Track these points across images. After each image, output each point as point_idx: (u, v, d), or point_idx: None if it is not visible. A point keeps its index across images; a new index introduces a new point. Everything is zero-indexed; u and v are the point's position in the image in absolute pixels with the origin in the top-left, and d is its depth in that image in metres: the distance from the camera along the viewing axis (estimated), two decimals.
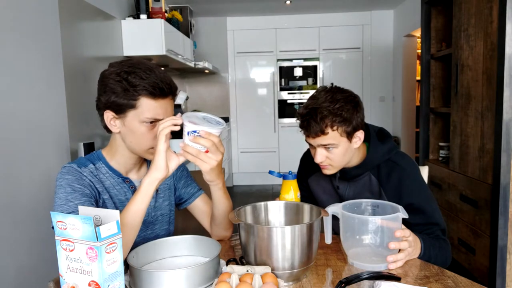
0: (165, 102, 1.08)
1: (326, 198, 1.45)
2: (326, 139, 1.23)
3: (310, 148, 1.33)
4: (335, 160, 1.28)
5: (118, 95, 1.05)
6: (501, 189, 2.10)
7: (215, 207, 1.19)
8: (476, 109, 2.35)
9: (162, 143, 1.00)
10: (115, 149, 1.16)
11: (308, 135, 1.26)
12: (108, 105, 1.08)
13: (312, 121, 1.22)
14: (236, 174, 5.48)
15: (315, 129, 1.22)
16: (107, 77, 1.07)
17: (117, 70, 1.07)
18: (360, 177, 1.36)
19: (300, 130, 1.31)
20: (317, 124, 1.21)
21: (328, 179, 1.45)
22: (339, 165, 1.30)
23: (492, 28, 2.16)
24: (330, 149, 1.26)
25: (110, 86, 1.06)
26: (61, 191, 1.05)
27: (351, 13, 5.13)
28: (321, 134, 1.22)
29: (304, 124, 1.25)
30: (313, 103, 1.25)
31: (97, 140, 2.34)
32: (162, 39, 2.91)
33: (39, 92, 1.90)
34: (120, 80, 1.05)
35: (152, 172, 1.01)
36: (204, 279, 0.93)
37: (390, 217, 1.04)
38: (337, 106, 1.21)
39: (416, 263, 1.08)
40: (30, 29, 1.85)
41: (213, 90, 5.32)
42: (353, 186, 1.38)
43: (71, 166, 1.10)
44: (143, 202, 1.01)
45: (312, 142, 1.27)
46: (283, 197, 1.26)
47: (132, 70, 1.06)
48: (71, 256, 0.79)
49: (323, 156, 1.27)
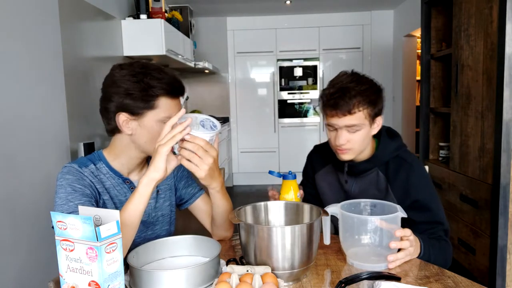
0: (178, 100, 1.12)
1: (332, 194, 1.45)
2: (352, 119, 1.23)
3: (329, 132, 1.31)
4: (355, 144, 1.27)
5: (135, 96, 1.06)
6: (501, 189, 2.10)
7: (215, 209, 1.19)
8: (476, 109, 2.35)
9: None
10: (119, 150, 1.15)
11: (334, 114, 1.24)
12: (122, 107, 1.07)
13: (341, 99, 1.21)
14: (236, 174, 5.48)
15: (344, 108, 1.21)
16: (120, 79, 1.07)
17: (130, 72, 1.07)
18: (368, 173, 1.36)
19: (320, 111, 1.32)
20: (346, 103, 1.21)
21: (335, 175, 1.45)
22: (358, 149, 1.30)
23: (492, 28, 2.16)
24: (352, 132, 1.25)
25: (125, 87, 1.06)
26: (62, 191, 1.05)
27: (351, 13, 5.13)
28: (348, 114, 1.22)
29: (331, 103, 1.23)
30: (340, 82, 1.25)
31: (97, 140, 2.34)
32: (162, 39, 2.91)
33: (39, 92, 1.90)
34: (137, 81, 1.06)
35: (150, 173, 1.00)
36: (204, 279, 0.93)
37: (389, 217, 1.04)
38: (364, 88, 1.23)
39: (416, 263, 1.08)
40: (30, 29, 1.85)
41: (213, 90, 5.33)
42: (360, 182, 1.37)
43: (72, 166, 1.10)
44: (141, 203, 1.00)
45: (336, 123, 1.25)
46: (283, 197, 1.26)
47: (146, 71, 1.07)
48: (71, 256, 0.79)
49: (345, 138, 1.26)
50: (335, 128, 1.27)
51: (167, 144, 0.98)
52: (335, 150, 1.32)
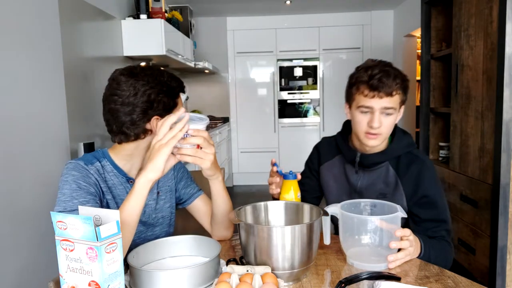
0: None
1: (337, 187, 1.44)
2: (391, 101, 1.24)
3: (359, 115, 1.29)
4: (386, 129, 1.28)
5: (164, 99, 1.10)
6: (501, 189, 2.10)
7: (216, 204, 1.19)
8: (476, 109, 2.35)
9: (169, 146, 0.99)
10: (132, 153, 1.15)
11: (375, 95, 1.23)
12: (154, 112, 1.09)
13: (385, 80, 1.22)
14: (236, 174, 5.48)
15: (386, 90, 1.22)
16: (142, 86, 1.07)
17: (150, 77, 1.09)
18: (378, 166, 1.35)
19: (348, 94, 1.31)
20: (390, 84, 1.22)
21: (341, 167, 1.44)
22: (386, 135, 1.30)
23: (492, 28, 2.16)
24: (386, 116, 1.26)
25: (155, 91, 1.09)
26: (67, 186, 1.04)
27: (351, 13, 5.13)
28: (389, 96, 1.23)
29: (374, 83, 1.22)
30: (377, 66, 1.25)
31: (97, 140, 2.34)
32: (162, 39, 2.91)
33: (39, 92, 1.90)
34: (161, 84, 1.10)
35: (148, 173, 0.99)
36: (204, 279, 0.93)
37: (389, 217, 1.04)
38: (399, 73, 1.26)
39: (416, 263, 1.08)
40: (30, 29, 1.85)
41: (213, 90, 5.32)
42: (368, 175, 1.37)
43: (78, 162, 1.09)
44: (139, 203, 0.99)
45: (374, 105, 1.24)
46: (283, 197, 1.26)
47: (161, 74, 1.12)
48: (71, 256, 0.79)
49: (380, 121, 1.26)
50: (369, 111, 1.26)
51: (169, 144, 0.97)
52: (362, 136, 1.30)
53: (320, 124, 5.35)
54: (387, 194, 1.34)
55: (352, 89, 1.30)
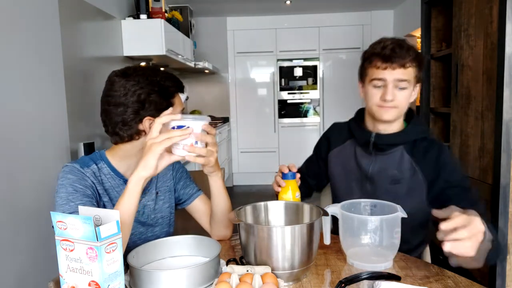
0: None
1: (345, 174, 1.41)
2: (405, 74, 1.23)
3: (372, 90, 1.28)
4: (400, 102, 1.26)
5: (156, 99, 1.09)
6: (501, 189, 2.10)
7: (215, 202, 1.19)
8: (476, 109, 2.35)
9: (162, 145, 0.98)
10: (129, 154, 1.15)
11: (388, 66, 1.22)
12: (146, 112, 1.08)
13: (399, 50, 1.21)
14: (236, 174, 5.48)
15: (399, 61, 1.21)
16: (133, 87, 1.07)
17: (142, 77, 1.08)
18: (392, 150, 1.32)
19: (361, 69, 1.31)
20: (403, 55, 1.21)
21: (352, 152, 1.40)
22: (401, 110, 1.28)
23: (492, 28, 2.16)
24: (400, 89, 1.24)
25: (146, 92, 1.07)
26: (63, 190, 1.05)
27: (351, 13, 5.13)
28: (402, 67, 1.22)
29: (387, 53, 1.22)
30: (390, 39, 1.25)
31: (97, 140, 2.34)
32: (162, 39, 2.91)
33: (39, 92, 1.90)
34: (154, 84, 1.09)
35: (140, 171, 0.98)
36: (204, 279, 0.93)
37: (389, 217, 1.04)
38: (414, 47, 1.24)
39: (416, 263, 1.08)
40: (30, 29, 1.85)
41: (213, 90, 5.33)
42: (381, 159, 1.33)
43: (74, 165, 1.10)
44: (131, 201, 0.98)
45: (387, 77, 1.23)
46: (282, 197, 1.26)
47: (156, 74, 1.11)
48: (71, 256, 0.79)
49: (393, 93, 1.24)
50: (382, 84, 1.25)
51: (162, 144, 0.97)
52: (376, 109, 1.28)
53: (320, 124, 5.35)
54: (402, 179, 1.30)
55: (365, 63, 1.30)
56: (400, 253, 1.10)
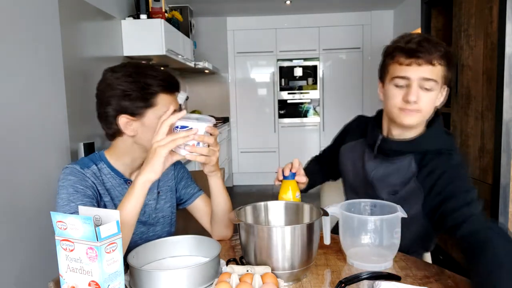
0: (175, 96, 1.13)
1: (353, 173, 1.33)
2: (432, 72, 1.09)
3: (394, 90, 1.14)
4: (425, 105, 1.11)
5: (133, 97, 1.06)
6: (501, 189, 2.10)
7: (215, 202, 1.19)
8: (476, 109, 2.35)
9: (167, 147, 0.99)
10: (122, 152, 1.15)
11: (413, 62, 1.08)
12: (122, 109, 1.07)
13: (426, 44, 1.08)
14: (236, 174, 5.48)
15: (426, 56, 1.07)
16: (115, 82, 1.07)
17: (125, 73, 1.07)
18: (399, 158, 1.19)
19: (383, 67, 1.17)
20: (430, 49, 1.07)
21: (360, 153, 1.30)
22: (425, 114, 1.14)
23: (492, 28, 2.16)
24: (425, 90, 1.10)
25: (123, 89, 1.06)
26: (64, 191, 1.05)
27: (351, 13, 5.13)
28: (429, 64, 1.08)
29: (413, 46, 1.08)
30: (417, 34, 1.12)
31: (97, 140, 2.34)
32: (162, 39, 2.91)
33: (39, 92, 1.90)
34: (134, 81, 1.06)
35: (147, 174, 0.98)
36: (204, 279, 0.93)
37: (390, 217, 1.04)
38: (443, 44, 1.11)
39: (416, 263, 1.08)
40: (30, 29, 1.85)
41: (213, 90, 5.32)
42: (385, 166, 1.21)
43: (74, 167, 1.10)
44: (137, 203, 0.99)
45: (411, 74, 1.09)
46: (281, 197, 1.26)
47: (141, 71, 1.08)
48: (71, 256, 0.79)
49: (418, 94, 1.09)
50: (405, 84, 1.11)
51: (167, 147, 0.97)
52: (396, 113, 1.14)
53: (320, 124, 5.35)
54: (400, 191, 1.18)
55: (386, 59, 1.17)
56: (400, 253, 1.10)
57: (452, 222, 1.02)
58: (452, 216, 1.03)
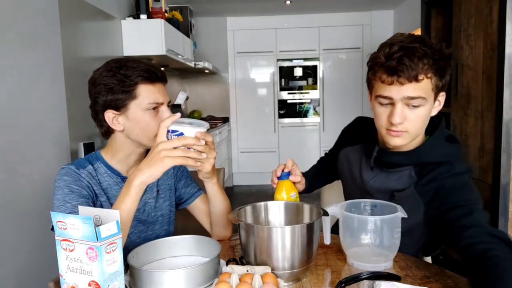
0: (161, 86, 1.12)
1: (351, 180, 1.29)
2: (417, 89, 0.98)
3: (378, 107, 1.06)
4: (413, 125, 1.03)
5: (115, 90, 1.07)
6: (501, 189, 2.10)
7: (213, 205, 1.19)
8: (476, 109, 2.35)
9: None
10: (116, 149, 1.15)
11: (394, 81, 0.98)
12: (107, 104, 1.08)
13: (406, 61, 0.95)
14: (236, 174, 5.48)
15: (409, 73, 0.96)
16: (98, 78, 1.09)
17: (106, 68, 1.09)
18: (399, 169, 1.13)
19: (368, 81, 1.06)
20: (413, 65, 0.95)
21: (357, 161, 1.25)
22: (414, 133, 1.05)
23: (492, 28, 2.16)
24: (412, 108, 1.01)
25: (105, 84, 1.07)
26: (59, 192, 1.05)
27: (351, 13, 5.14)
28: (413, 81, 0.97)
29: (392, 64, 0.97)
30: (400, 42, 0.99)
31: (97, 140, 2.34)
32: (162, 39, 2.91)
33: (39, 92, 1.90)
34: (113, 75, 1.07)
35: (145, 177, 0.97)
36: (204, 279, 0.93)
37: (390, 217, 1.04)
38: (432, 50, 0.98)
39: (416, 263, 1.08)
40: (30, 29, 1.85)
41: (213, 90, 5.33)
42: (384, 176, 1.16)
43: (69, 167, 1.10)
44: (130, 205, 0.98)
45: (394, 94, 1.00)
46: (276, 197, 1.25)
47: (121, 64, 1.08)
48: (71, 256, 0.79)
49: (403, 116, 1.01)
50: (389, 102, 1.02)
51: (175, 160, 0.96)
52: (383, 133, 1.07)
53: (320, 124, 5.35)
54: (399, 202, 1.10)
55: (369, 73, 1.07)
56: (400, 253, 1.10)
57: (453, 233, 0.98)
58: (453, 226, 0.99)
